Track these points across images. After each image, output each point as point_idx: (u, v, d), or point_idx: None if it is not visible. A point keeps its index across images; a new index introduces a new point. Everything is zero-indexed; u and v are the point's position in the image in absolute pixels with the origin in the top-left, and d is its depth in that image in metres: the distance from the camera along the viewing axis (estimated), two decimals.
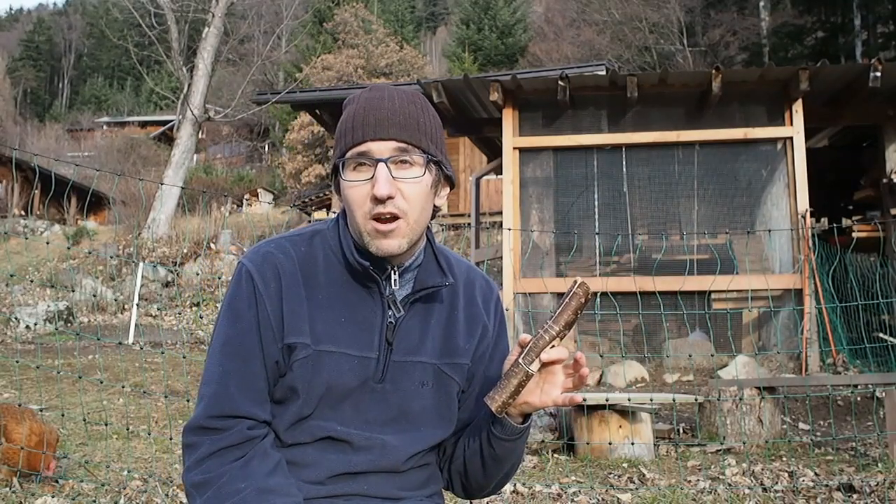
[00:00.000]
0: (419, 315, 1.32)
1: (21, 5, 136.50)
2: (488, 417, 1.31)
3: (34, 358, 6.83)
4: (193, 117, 17.18)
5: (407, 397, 1.29)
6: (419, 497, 1.33)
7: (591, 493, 3.57)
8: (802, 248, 6.85)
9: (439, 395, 1.32)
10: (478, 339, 1.38)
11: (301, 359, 1.23)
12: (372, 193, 1.21)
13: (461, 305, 1.37)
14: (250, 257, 1.29)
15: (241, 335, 1.24)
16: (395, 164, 1.22)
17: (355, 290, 1.29)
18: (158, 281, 13.09)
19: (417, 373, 1.30)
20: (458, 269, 1.40)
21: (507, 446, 1.31)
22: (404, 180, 1.23)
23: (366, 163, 1.22)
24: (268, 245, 1.31)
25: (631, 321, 7.42)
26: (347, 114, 1.27)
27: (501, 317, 1.45)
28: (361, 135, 1.23)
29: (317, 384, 1.24)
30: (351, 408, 1.26)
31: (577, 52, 27.87)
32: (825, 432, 4.95)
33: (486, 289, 1.43)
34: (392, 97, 1.26)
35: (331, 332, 1.25)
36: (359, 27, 28.77)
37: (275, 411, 1.26)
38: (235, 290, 1.27)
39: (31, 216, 21.61)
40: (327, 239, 1.33)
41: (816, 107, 7.40)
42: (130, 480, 3.61)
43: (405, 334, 1.30)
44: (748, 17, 25.54)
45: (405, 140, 1.23)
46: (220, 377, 1.23)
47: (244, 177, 31.86)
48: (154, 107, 47.67)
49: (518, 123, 7.62)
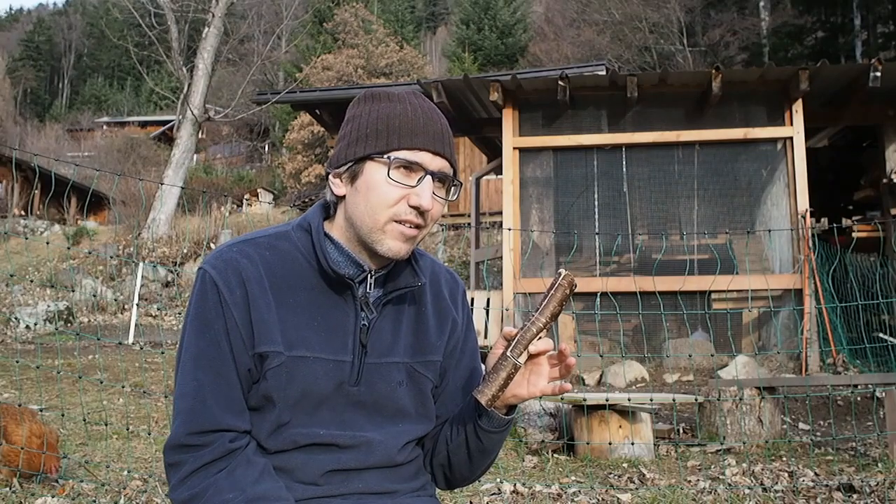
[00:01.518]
0: (390, 315, 1.32)
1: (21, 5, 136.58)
2: (473, 410, 1.31)
3: (34, 358, 6.83)
4: (193, 117, 17.17)
5: (382, 398, 1.29)
6: (412, 489, 1.33)
7: (591, 493, 3.57)
8: (802, 248, 6.85)
9: (414, 393, 1.33)
10: (448, 334, 1.38)
11: (274, 367, 1.21)
12: (416, 202, 1.22)
13: (429, 301, 1.38)
14: (212, 263, 1.25)
15: (212, 346, 1.21)
16: (436, 180, 1.25)
17: (326, 293, 1.27)
18: (158, 281, 13.09)
19: (392, 373, 1.30)
20: (424, 264, 1.40)
21: (494, 438, 1.32)
22: (437, 199, 1.26)
23: (414, 169, 1.23)
24: (229, 250, 1.26)
25: (631, 321, 7.42)
26: (393, 111, 1.25)
27: (467, 310, 1.46)
28: (421, 142, 1.23)
29: (292, 391, 1.22)
30: (329, 411, 1.26)
31: (577, 52, 27.88)
32: (825, 432, 4.95)
33: (451, 283, 1.44)
34: (438, 112, 1.29)
35: (303, 336, 1.24)
36: (359, 27, 28.78)
37: (252, 419, 1.24)
38: (200, 299, 1.23)
39: (31, 216, 21.62)
40: (295, 241, 1.29)
41: (816, 107, 7.40)
42: (130, 480, 3.61)
43: (378, 336, 1.29)
44: (748, 17, 25.54)
45: (452, 163, 1.27)
46: (196, 391, 1.20)
47: (244, 177, 31.87)
48: (154, 107, 47.69)
49: (518, 123, 7.62)
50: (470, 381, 1.43)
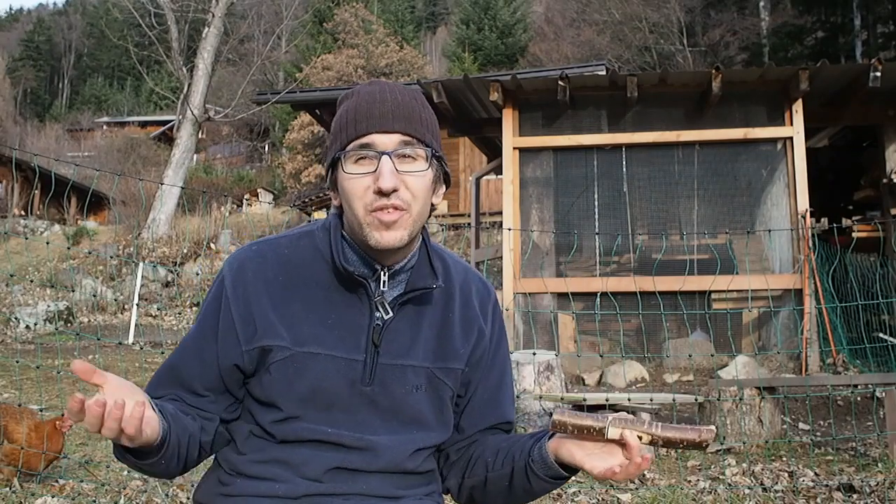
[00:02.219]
0: (409, 317, 1.30)
1: (21, 5, 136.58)
2: (530, 451, 1.27)
3: (34, 358, 6.83)
4: (193, 117, 17.18)
5: (398, 401, 1.27)
6: (419, 496, 1.31)
7: (591, 493, 3.57)
8: (802, 248, 6.85)
9: (433, 399, 1.30)
10: (473, 342, 1.35)
11: (279, 361, 1.23)
12: (376, 186, 1.19)
13: (456, 308, 1.34)
14: (230, 260, 1.31)
15: (200, 335, 1.28)
16: (398, 157, 1.21)
17: (342, 291, 1.28)
18: (158, 281, 13.10)
19: (409, 376, 1.28)
20: (455, 270, 1.37)
21: (542, 486, 1.28)
22: (408, 174, 1.22)
23: (368, 155, 1.21)
24: (247, 249, 1.31)
25: (631, 321, 7.42)
26: (347, 107, 1.26)
27: (500, 322, 1.41)
28: (365, 127, 1.22)
29: (300, 386, 1.23)
30: (341, 411, 1.25)
31: (577, 52, 27.88)
32: (825, 432, 4.95)
33: (483, 292, 1.40)
34: (394, 91, 1.26)
35: (316, 333, 1.24)
36: (359, 27, 28.78)
37: (257, 410, 1.27)
38: (210, 291, 1.31)
39: (31, 216, 21.62)
40: (316, 240, 1.31)
41: (816, 107, 7.40)
42: (130, 480, 3.61)
43: (393, 336, 1.28)
44: (748, 17, 25.55)
45: (410, 133, 1.22)
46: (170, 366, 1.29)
47: (244, 177, 31.87)
48: (154, 107, 47.68)
49: (518, 123, 7.62)
50: (498, 395, 1.39)
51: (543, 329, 7.28)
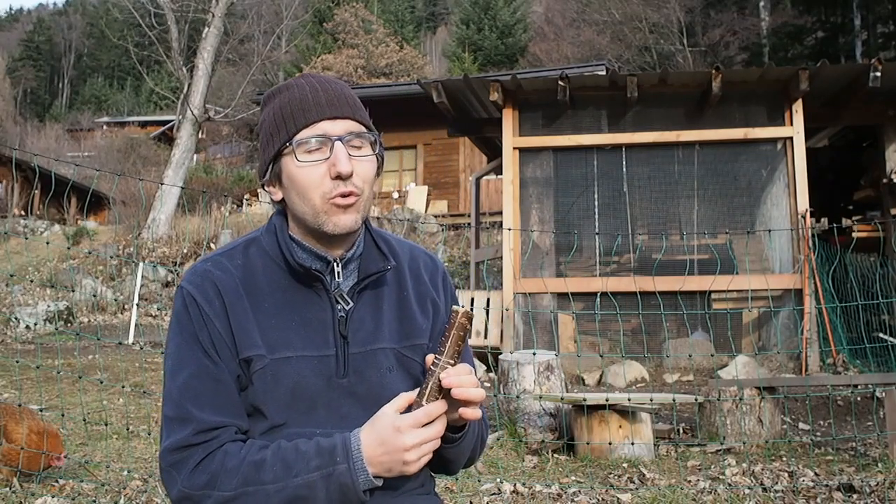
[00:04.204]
0: (369, 303, 1.32)
1: (21, 5, 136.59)
2: None
3: (34, 358, 6.83)
4: (193, 117, 17.17)
5: (375, 386, 1.29)
6: (412, 487, 1.32)
7: (591, 493, 3.57)
8: (802, 248, 6.85)
9: (405, 378, 1.32)
10: (431, 316, 1.37)
11: (259, 370, 1.23)
12: (335, 171, 1.21)
13: (409, 285, 1.37)
14: (189, 279, 1.28)
15: (205, 356, 1.24)
16: (347, 144, 1.24)
17: (300, 291, 1.29)
18: (158, 281, 13.09)
19: (380, 359, 1.30)
20: (401, 250, 1.40)
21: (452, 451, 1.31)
22: (359, 158, 1.25)
23: (318, 144, 1.23)
24: (203, 264, 1.30)
25: (631, 321, 7.42)
26: (285, 100, 1.27)
27: (452, 292, 1.44)
28: (315, 115, 1.23)
29: (280, 392, 1.24)
30: (325, 410, 1.26)
31: (577, 52, 27.89)
32: (825, 432, 4.95)
33: (430, 265, 1.43)
34: (329, 81, 1.29)
35: (285, 337, 1.25)
36: (359, 27, 28.80)
37: (249, 423, 1.26)
38: (183, 316, 1.26)
39: (31, 216, 21.60)
40: (263, 245, 1.32)
41: (816, 107, 7.40)
42: (130, 480, 3.61)
43: (359, 325, 1.30)
44: (748, 17, 25.55)
45: (358, 119, 1.26)
46: (195, 398, 1.22)
47: (244, 177, 31.79)
48: (154, 107, 47.66)
49: (518, 123, 7.62)
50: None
51: (543, 329, 7.29)
